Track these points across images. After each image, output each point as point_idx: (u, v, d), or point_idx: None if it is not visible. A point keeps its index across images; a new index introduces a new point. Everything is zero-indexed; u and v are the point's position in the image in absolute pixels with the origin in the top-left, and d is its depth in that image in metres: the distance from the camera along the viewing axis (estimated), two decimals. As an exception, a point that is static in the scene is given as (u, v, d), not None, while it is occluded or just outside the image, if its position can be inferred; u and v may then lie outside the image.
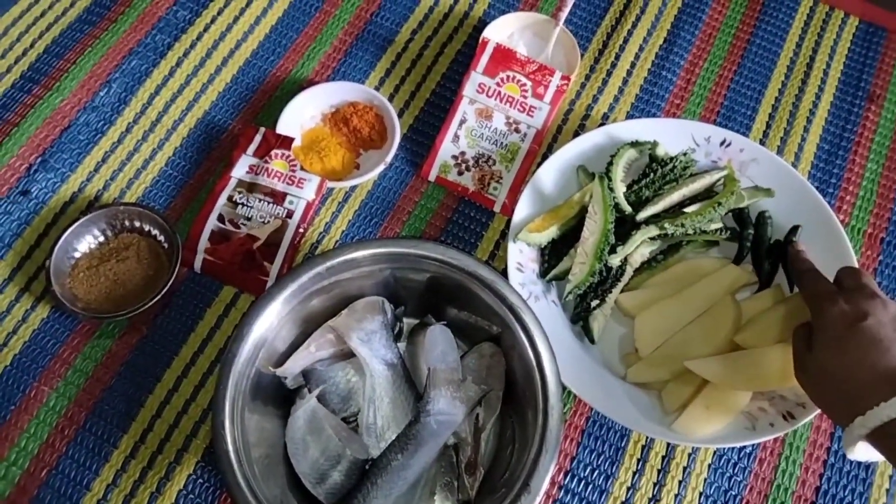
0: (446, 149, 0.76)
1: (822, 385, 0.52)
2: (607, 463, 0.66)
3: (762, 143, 0.80)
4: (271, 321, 0.60)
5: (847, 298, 0.53)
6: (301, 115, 0.78)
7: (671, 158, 0.71)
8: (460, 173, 0.76)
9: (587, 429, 0.67)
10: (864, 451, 0.49)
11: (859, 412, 0.48)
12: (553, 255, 0.70)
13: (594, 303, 0.67)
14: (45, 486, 0.63)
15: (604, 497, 0.65)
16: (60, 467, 0.64)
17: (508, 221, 0.72)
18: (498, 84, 0.76)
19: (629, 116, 0.81)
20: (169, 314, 0.70)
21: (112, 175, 0.76)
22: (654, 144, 0.72)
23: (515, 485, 0.53)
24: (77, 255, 0.70)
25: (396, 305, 0.67)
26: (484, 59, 0.77)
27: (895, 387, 0.47)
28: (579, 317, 0.68)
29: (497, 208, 0.76)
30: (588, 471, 0.66)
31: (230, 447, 0.54)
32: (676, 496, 0.65)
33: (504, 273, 0.69)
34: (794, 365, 0.56)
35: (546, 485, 0.52)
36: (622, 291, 0.69)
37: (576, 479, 0.66)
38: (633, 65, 0.84)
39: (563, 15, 0.80)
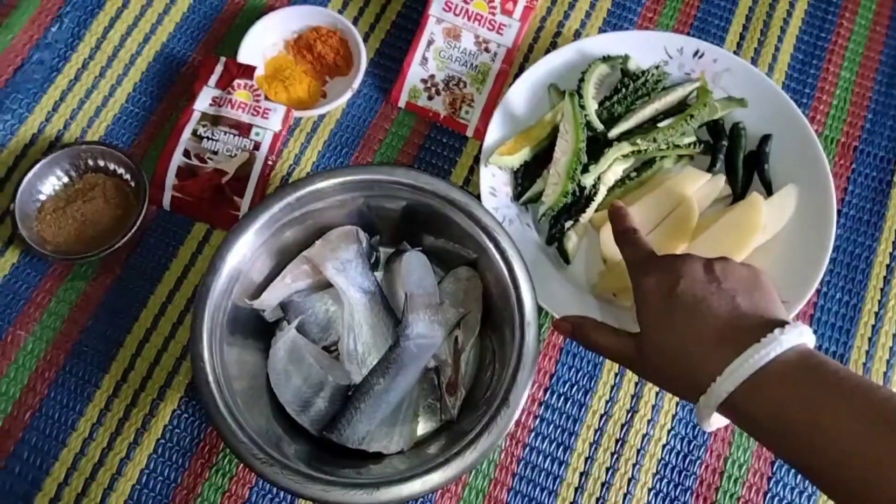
0: (415, 72, 0.74)
1: (662, 368, 0.48)
2: (586, 378, 0.67)
3: (736, 54, 0.79)
4: (244, 253, 0.59)
5: (655, 264, 0.50)
6: (262, 43, 0.75)
7: (643, 72, 0.70)
8: (430, 98, 0.74)
9: (565, 346, 0.68)
10: (718, 421, 0.46)
11: (701, 391, 0.44)
12: (526, 178, 0.70)
13: (568, 224, 0.67)
14: (30, 429, 0.63)
15: (583, 410, 0.66)
16: (44, 409, 0.64)
17: (482, 146, 0.71)
18: (465, 1, 0.74)
19: (601, 32, 0.79)
20: (141, 253, 0.69)
21: (72, 114, 0.73)
22: (626, 58, 0.70)
23: (495, 401, 0.54)
24: (42, 197, 0.68)
25: (371, 234, 0.67)
26: (448, -25, 0.74)
27: (724, 355, 0.43)
28: (554, 238, 0.68)
29: (470, 133, 0.74)
30: (567, 386, 0.67)
31: (210, 377, 0.54)
32: (654, 407, 0.67)
33: (478, 198, 0.68)
34: (627, 361, 0.51)
35: (525, 399, 0.53)
36: (597, 211, 0.69)
37: (555, 395, 0.67)
38: (604, -23, 0.81)
39: (530, -74, 0.77)
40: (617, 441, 0.66)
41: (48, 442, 0.63)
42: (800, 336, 0.42)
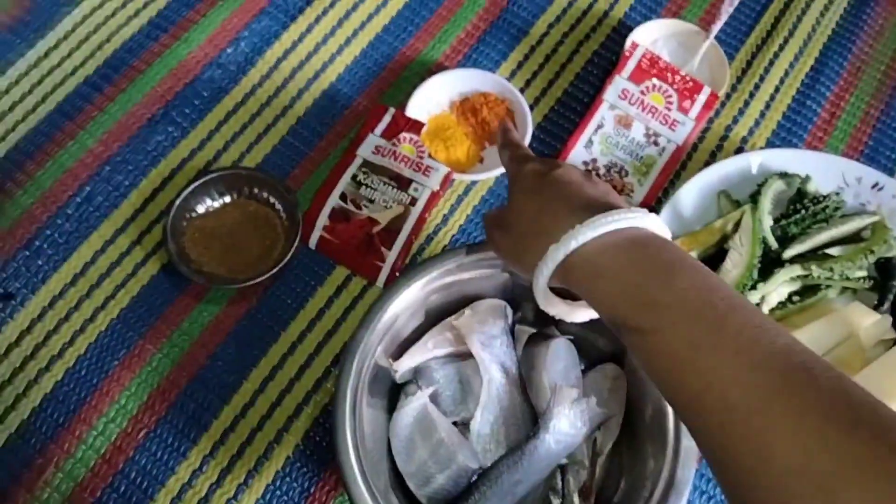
0: (577, 153, 0.73)
1: (517, 228, 0.46)
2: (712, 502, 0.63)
3: (908, 189, 0.76)
4: (396, 312, 0.57)
5: (541, 160, 0.49)
6: (430, 100, 0.75)
7: (823, 197, 0.67)
8: (589, 181, 0.72)
9: (701, 468, 0.64)
10: (555, 303, 0.46)
11: (553, 240, 0.41)
12: (683, 282, 0.67)
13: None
14: (141, 449, 0.62)
15: (711, 541, 0.62)
16: (158, 431, 0.62)
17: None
18: (642, 92, 0.73)
19: (769, 143, 0.77)
20: (279, 288, 0.68)
21: (233, 136, 0.74)
22: (807, 179, 0.68)
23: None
24: (193, 215, 0.68)
25: (513, 311, 0.65)
26: (631, 64, 0.73)
27: (592, 211, 0.41)
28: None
29: (622, 222, 0.72)
30: (695, 511, 0.63)
31: (350, 442, 0.52)
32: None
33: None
34: (488, 234, 0.51)
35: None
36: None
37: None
38: (777, 89, 0.80)
39: (716, 28, 0.76)
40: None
41: (157, 466, 0.61)
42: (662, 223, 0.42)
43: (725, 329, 0.34)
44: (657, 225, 0.41)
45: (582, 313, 0.47)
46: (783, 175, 0.68)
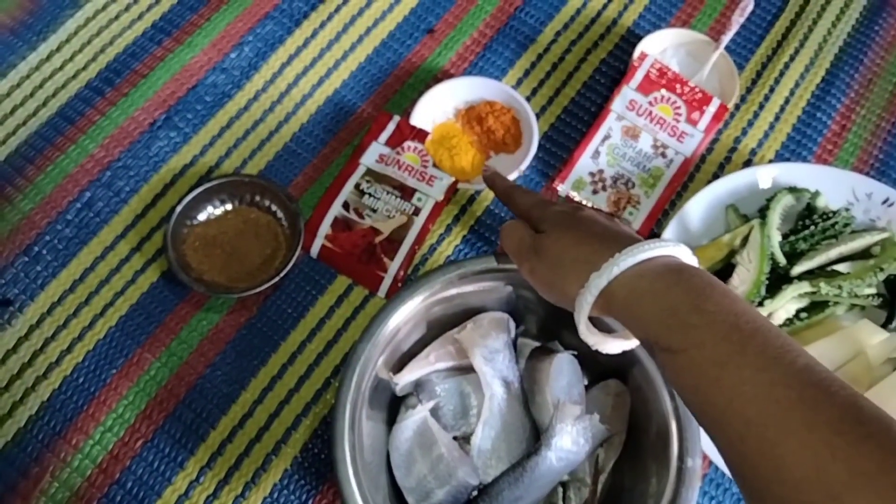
0: (584, 164, 0.72)
1: (554, 257, 0.48)
2: (719, 524, 0.62)
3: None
4: (398, 324, 0.57)
5: (563, 203, 0.53)
6: (435, 108, 0.74)
7: (833, 212, 0.66)
8: (595, 192, 0.72)
9: (704, 486, 0.63)
10: (594, 332, 0.46)
11: (594, 269, 0.43)
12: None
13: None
14: (138, 458, 0.61)
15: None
16: (156, 441, 0.62)
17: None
18: (650, 103, 0.72)
19: (778, 156, 0.76)
20: (279, 297, 0.67)
21: (236, 142, 0.73)
22: (816, 194, 0.67)
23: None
24: (194, 223, 0.67)
25: (516, 324, 0.64)
26: (639, 74, 0.72)
27: (626, 243, 0.44)
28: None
29: (628, 234, 0.71)
30: (698, 530, 0.62)
31: (348, 455, 0.51)
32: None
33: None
34: (522, 252, 0.51)
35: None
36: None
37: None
38: (787, 101, 0.79)
39: (726, 38, 0.75)
40: None
41: (154, 476, 0.60)
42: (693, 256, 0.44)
43: (749, 349, 0.36)
44: (687, 254, 0.44)
45: (616, 344, 0.48)
46: (792, 189, 0.67)
